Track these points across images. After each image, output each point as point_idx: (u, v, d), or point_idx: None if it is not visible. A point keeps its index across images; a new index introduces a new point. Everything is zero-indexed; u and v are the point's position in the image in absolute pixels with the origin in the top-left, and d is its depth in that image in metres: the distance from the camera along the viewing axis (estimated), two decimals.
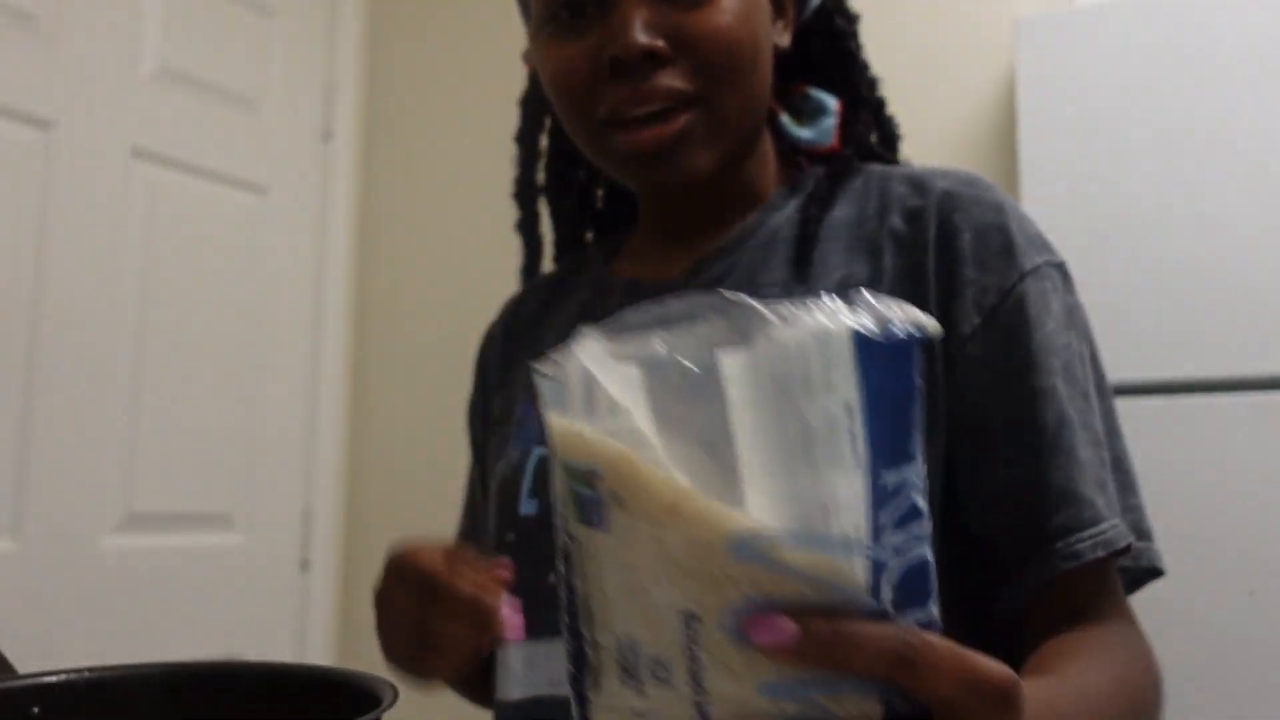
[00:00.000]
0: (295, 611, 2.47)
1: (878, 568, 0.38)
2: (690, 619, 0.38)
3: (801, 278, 0.77)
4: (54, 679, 0.54)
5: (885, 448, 0.38)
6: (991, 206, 0.76)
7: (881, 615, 0.38)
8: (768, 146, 0.86)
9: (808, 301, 0.39)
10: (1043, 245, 0.77)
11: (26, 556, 1.95)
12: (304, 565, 2.49)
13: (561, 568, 0.42)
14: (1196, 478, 1.59)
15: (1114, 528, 0.69)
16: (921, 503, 0.39)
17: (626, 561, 0.39)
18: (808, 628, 0.38)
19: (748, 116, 0.79)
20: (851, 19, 0.89)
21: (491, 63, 2.59)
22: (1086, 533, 0.68)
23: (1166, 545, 0.75)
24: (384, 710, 0.48)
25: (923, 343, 0.39)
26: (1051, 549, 0.68)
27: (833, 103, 0.87)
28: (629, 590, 0.40)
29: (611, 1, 0.75)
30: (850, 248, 0.78)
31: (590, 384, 0.40)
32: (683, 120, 0.75)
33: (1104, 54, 1.75)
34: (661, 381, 0.39)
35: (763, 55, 0.79)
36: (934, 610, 0.40)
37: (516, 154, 0.97)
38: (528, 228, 0.96)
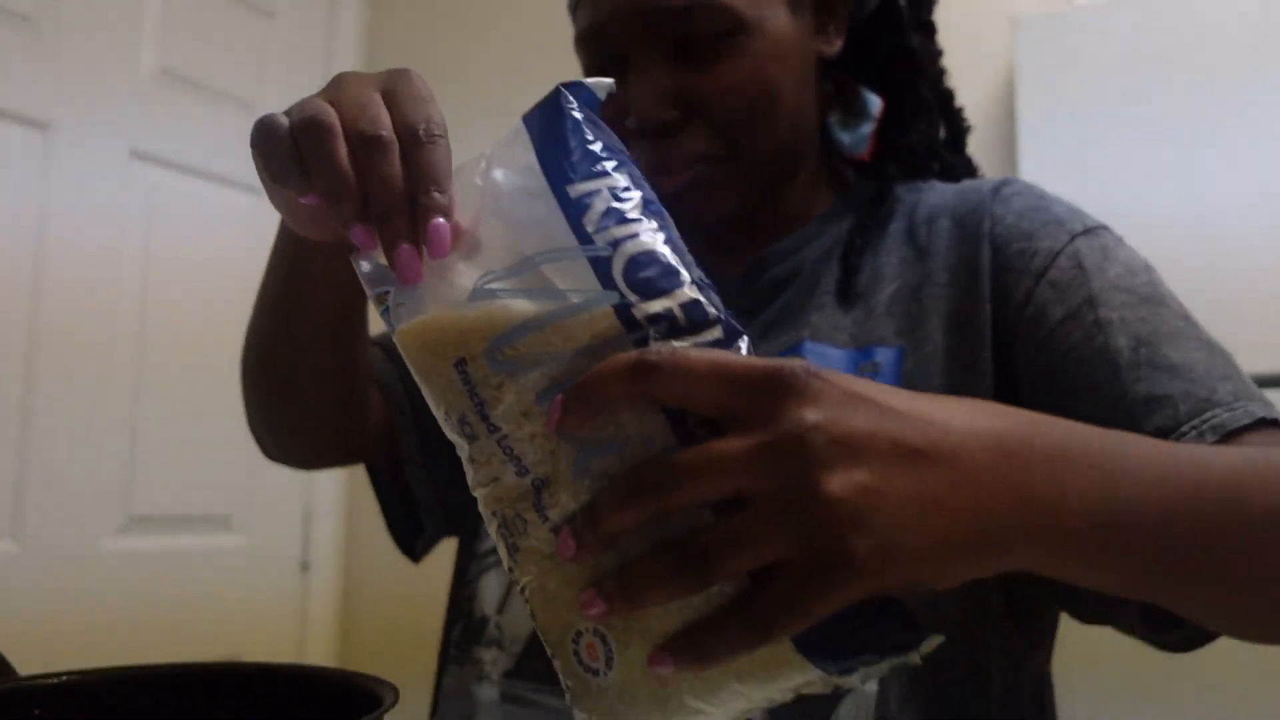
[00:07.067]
0: (295, 612, 2.47)
1: (600, 263, 0.44)
2: (461, 364, 0.46)
3: (855, 289, 0.77)
4: (54, 681, 0.54)
5: (560, 171, 0.47)
6: (1035, 194, 0.78)
7: (622, 305, 0.44)
8: (815, 166, 0.84)
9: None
10: (1094, 220, 0.77)
11: (27, 559, 1.95)
12: (304, 566, 2.49)
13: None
14: None
15: (1230, 408, 0.62)
16: (619, 204, 0.46)
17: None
18: (567, 397, 0.43)
19: (779, 156, 0.78)
20: (919, 5, 0.85)
21: (491, 63, 2.59)
22: (1186, 425, 0.61)
23: None
24: (384, 711, 0.48)
25: (572, 95, 0.49)
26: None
27: (875, 106, 0.84)
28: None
29: (629, 66, 0.75)
30: (904, 258, 0.78)
31: None
32: (690, 175, 0.74)
33: (1103, 53, 1.75)
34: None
35: (788, 96, 0.76)
36: (695, 281, 0.45)
37: None
38: None
